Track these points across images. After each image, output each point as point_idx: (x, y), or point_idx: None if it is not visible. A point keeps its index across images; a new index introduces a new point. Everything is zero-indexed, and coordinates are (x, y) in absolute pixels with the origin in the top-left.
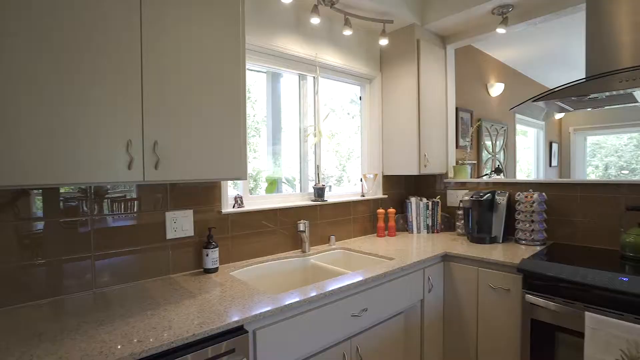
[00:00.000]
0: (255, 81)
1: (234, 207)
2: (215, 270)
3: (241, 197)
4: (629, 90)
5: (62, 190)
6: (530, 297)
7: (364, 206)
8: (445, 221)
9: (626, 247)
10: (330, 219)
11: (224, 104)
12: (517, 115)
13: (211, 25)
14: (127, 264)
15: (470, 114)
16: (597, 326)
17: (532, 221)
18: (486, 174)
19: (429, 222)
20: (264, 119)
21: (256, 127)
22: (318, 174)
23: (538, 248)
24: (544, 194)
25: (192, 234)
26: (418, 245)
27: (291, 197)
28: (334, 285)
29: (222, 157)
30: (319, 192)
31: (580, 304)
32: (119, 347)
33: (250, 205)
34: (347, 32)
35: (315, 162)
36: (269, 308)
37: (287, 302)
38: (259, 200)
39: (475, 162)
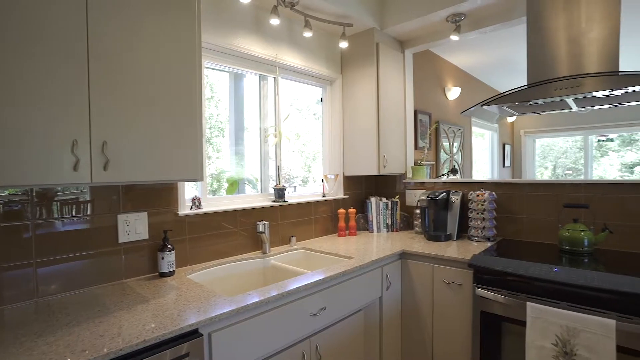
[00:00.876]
0: (219, 80)
1: (191, 208)
2: (171, 273)
3: (199, 199)
4: (563, 98)
5: (5, 193)
6: (480, 291)
7: (325, 206)
8: (404, 220)
9: (563, 241)
10: (292, 220)
11: (179, 104)
12: (473, 118)
13: (164, 23)
14: (76, 270)
15: (429, 117)
16: (537, 315)
17: (484, 219)
18: (443, 174)
19: (389, 221)
20: (228, 119)
21: (220, 127)
22: (279, 174)
23: (488, 244)
24: (493, 193)
25: (147, 237)
26: (377, 244)
27: (252, 198)
28: (293, 285)
29: (177, 158)
30: (280, 192)
31: (523, 295)
32: (60, 358)
33: (209, 206)
34: (307, 34)
35: (276, 163)
36: (224, 310)
37: (243, 304)
38: (218, 202)
39: (433, 162)
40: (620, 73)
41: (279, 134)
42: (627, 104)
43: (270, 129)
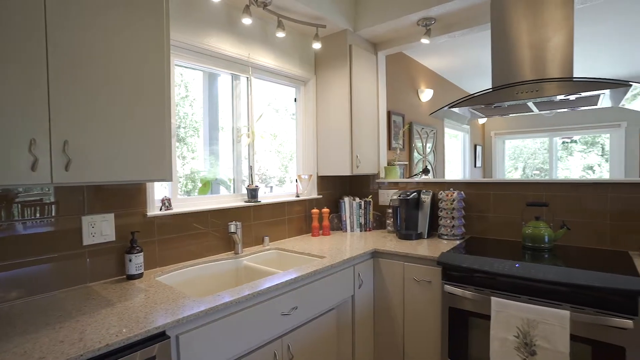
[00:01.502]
0: (194, 79)
1: (160, 209)
2: (139, 276)
3: (169, 199)
4: (525, 101)
5: None
6: (448, 287)
7: (299, 206)
8: (377, 219)
9: (526, 238)
10: (265, 220)
11: (146, 102)
12: (445, 120)
13: (130, 17)
14: (38, 275)
15: (402, 118)
16: (500, 309)
17: (453, 217)
18: (416, 174)
19: (362, 220)
20: (203, 119)
21: (195, 127)
22: (251, 174)
23: (457, 242)
24: (462, 192)
25: (114, 239)
26: (350, 244)
27: (224, 198)
28: (264, 285)
29: (144, 157)
30: (252, 193)
31: (488, 290)
32: None
33: (180, 207)
34: (280, 35)
35: (249, 163)
36: (193, 312)
37: (212, 305)
38: (190, 202)
39: (406, 163)
40: (574, 79)
41: (252, 134)
42: (581, 108)
43: (243, 128)
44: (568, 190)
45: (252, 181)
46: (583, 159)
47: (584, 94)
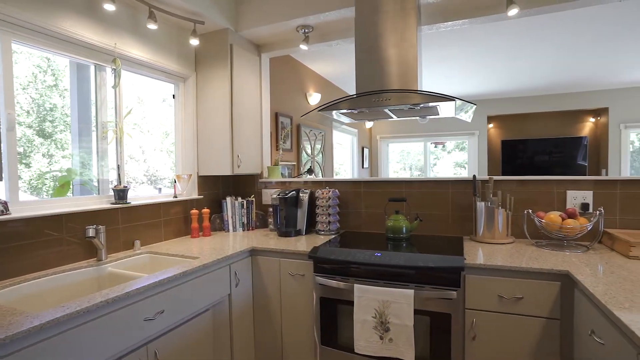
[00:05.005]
0: (66, 66)
1: None
2: None
3: (5, 203)
4: (381, 107)
5: None
6: (319, 279)
7: (178, 207)
8: (260, 218)
9: (388, 230)
10: (136, 223)
11: None
12: (334, 122)
13: None
14: None
15: (290, 119)
16: (361, 294)
17: (329, 214)
18: (301, 174)
19: (244, 220)
20: (71, 113)
21: (66, 122)
22: (119, 174)
23: (332, 237)
24: (336, 190)
25: None
26: (229, 243)
27: (86, 200)
28: (122, 290)
29: None
30: (120, 194)
31: (352, 279)
32: None
33: (24, 211)
34: (152, 26)
35: (117, 162)
36: (23, 329)
37: (48, 319)
38: (40, 205)
39: (294, 163)
40: (418, 91)
41: (120, 131)
42: (429, 117)
43: (109, 124)
44: (420, 187)
45: (120, 181)
46: (454, 159)
47: (423, 105)
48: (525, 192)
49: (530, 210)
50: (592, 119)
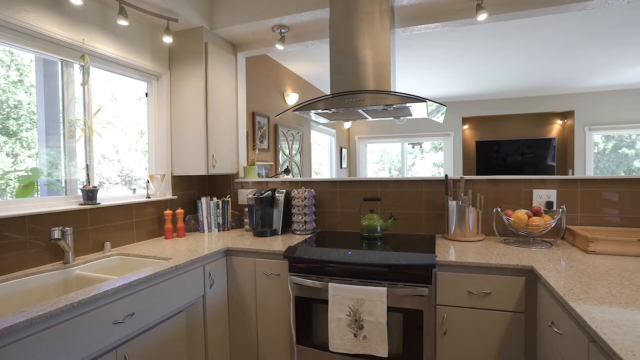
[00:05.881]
0: (32, 60)
1: None
2: None
3: None
4: (355, 108)
5: None
6: (294, 278)
7: (151, 208)
8: (236, 219)
9: (363, 229)
10: (107, 224)
11: None
12: (312, 123)
13: None
14: None
15: (268, 119)
16: (335, 292)
17: (305, 214)
18: (277, 174)
19: (220, 220)
20: (38, 111)
21: (32, 120)
22: (88, 174)
23: (308, 236)
24: (312, 190)
25: None
26: (203, 244)
27: (51, 201)
28: (89, 293)
29: None
30: (89, 194)
31: (327, 277)
32: None
33: None
34: (123, 23)
35: (86, 161)
36: None
37: (5, 325)
38: (2, 206)
39: (272, 163)
40: (390, 92)
41: (89, 129)
42: (403, 117)
43: (77, 122)
44: (394, 187)
45: (89, 181)
46: (433, 159)
47: (396, 106)
48: (496, 191)
49: (499, 209)
50: (560, 122)
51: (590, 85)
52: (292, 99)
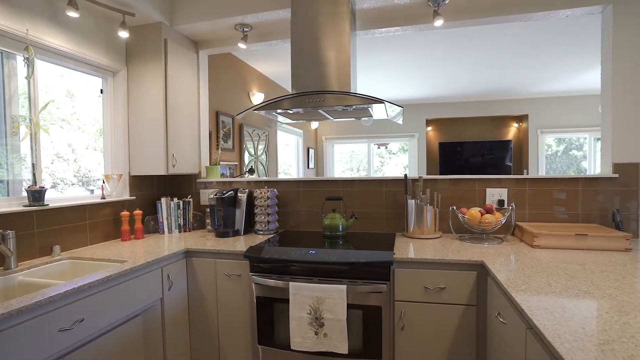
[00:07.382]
0: None
1: None
2: None
3: None
4: (314, 109)
5: None
6: (255, 278)
7: (107, 209)
8: (198, 219)
9: (325, 228)
10: (56, 226)
11: None
12: (278, 123)
13: None
14: None
15: (232, 119)
16: (296, 291)
17: (268, 214)
18: (242, 174)
19: (181, 221)
20: None
21: None
22: (34, 174)
23: (271, 236)
24: (275, 190)
25: None
26: (164, 245)
27: None
28: (29, 301)
29: None
30: (36, 195)
31: (288, 277)
32: None
33: None
34: (73, 14)
35: (32, 160)
36: None
37: None
38: None
39: (237, 163)
40: (350, 93)
41: (35, 126)
42: (365, 118)
43: (20, 118)
44: (356, 186)
45: (35, 181)
46: (400, 161)
47: (356, 107)
48: (453, 190)
49: (455, 207)
50: (516, 125)
51: (543, 90)
52: (257, 98)
